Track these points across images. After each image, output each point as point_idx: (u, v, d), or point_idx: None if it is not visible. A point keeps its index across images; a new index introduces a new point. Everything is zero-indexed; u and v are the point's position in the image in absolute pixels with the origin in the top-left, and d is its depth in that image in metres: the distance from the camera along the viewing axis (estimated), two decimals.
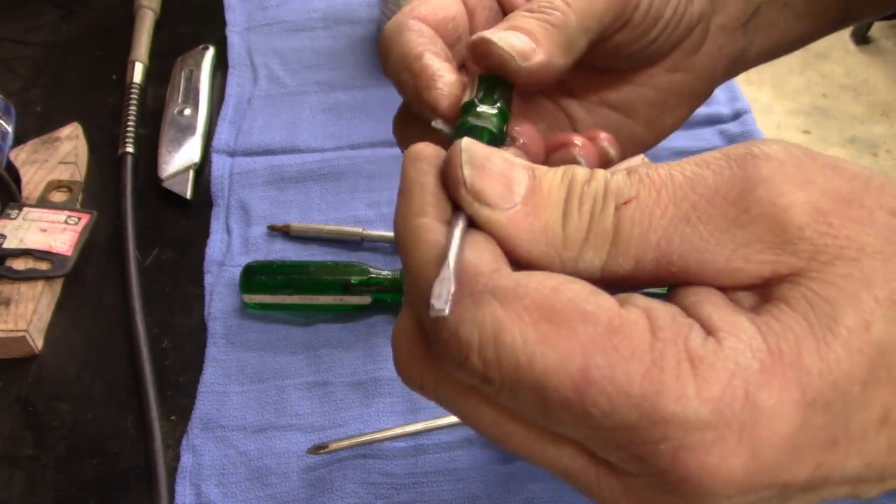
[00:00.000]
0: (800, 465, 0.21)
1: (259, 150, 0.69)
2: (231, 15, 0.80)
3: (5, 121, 0.63)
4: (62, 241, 0.59)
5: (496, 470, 0.50)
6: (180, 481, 0.50)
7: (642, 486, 0.22)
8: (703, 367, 0.21)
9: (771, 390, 0.21)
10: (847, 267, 0.22)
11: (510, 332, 0.21)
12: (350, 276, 0.57)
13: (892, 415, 0.22)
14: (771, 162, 0.23)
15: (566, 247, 0.24)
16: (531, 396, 0.22)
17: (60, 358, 0.56)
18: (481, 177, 0.24)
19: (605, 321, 0.21)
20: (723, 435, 0.20)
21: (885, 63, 2.22)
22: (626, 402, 0.21)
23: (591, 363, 0.21)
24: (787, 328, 0.21)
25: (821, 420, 0.21)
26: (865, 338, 0.21)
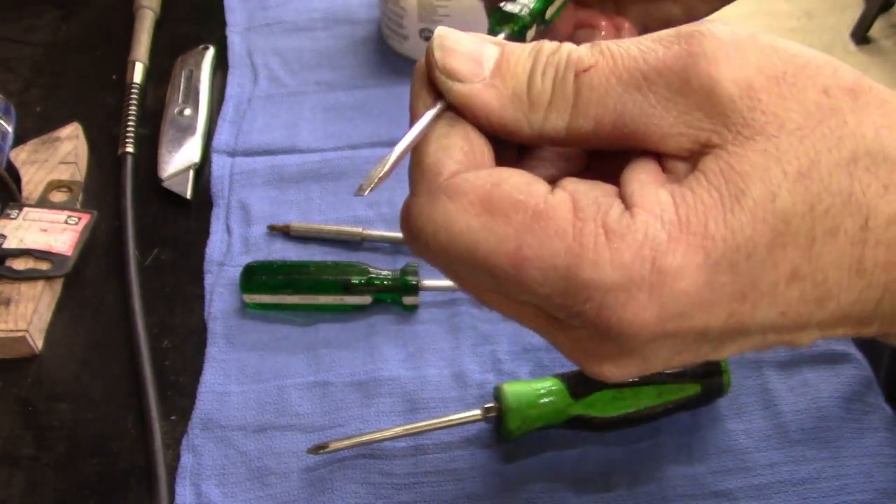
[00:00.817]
0: (711, 314, 0.25)
1: (259, 150, 0.69)
2: (231, 15, 0.80)
3: (5, 121, 0.63)
4: (62, 241, 0.59)
5: (496, 470, 0.50)
6: (180, 481, 0.50)
7: (586, 337, 0.27)
8: (616, 239, 0.24)
9: (675, 255, 0.24)
10: (765, 142, 0.25)
11: (457, 222, 0.26)
12: (350, 276, 0.57)
13: (802, 272, 0.25)
14: (714, 40, 0.25)
15: (532, 110, 0.27)
16: (482, 273, 0.26)
17: (60, 358, 0.56)
18: (451, 57, 0.28)
19: (534, 206, 0.25)
20: (634, 294, 0.25)
21: (885, 63, 2.22)
22: (553, 273, 0.25)
23: (523, 243, 0.25)
24: (699, 199, 0.25)
25: (726, 278, 0.25)
26: (770, 208, 0.24)
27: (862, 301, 0.26)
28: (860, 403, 0.53)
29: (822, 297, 0.26)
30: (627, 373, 0.28)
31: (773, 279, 0.25)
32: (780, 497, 0.49)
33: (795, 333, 0.27)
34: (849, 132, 0.25)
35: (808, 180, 0.25)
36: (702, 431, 0.52)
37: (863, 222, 0.25)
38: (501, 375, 0.55)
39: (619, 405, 0.50)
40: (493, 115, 0.28)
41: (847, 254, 0.25)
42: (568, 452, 0.51)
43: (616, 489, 0.49)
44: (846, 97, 0.25)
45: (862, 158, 0.25)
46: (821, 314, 0.26)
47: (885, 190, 0.25)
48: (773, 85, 0.25)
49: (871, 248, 0.25)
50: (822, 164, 0.25)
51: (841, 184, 0.25)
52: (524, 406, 0.49)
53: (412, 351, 0.56)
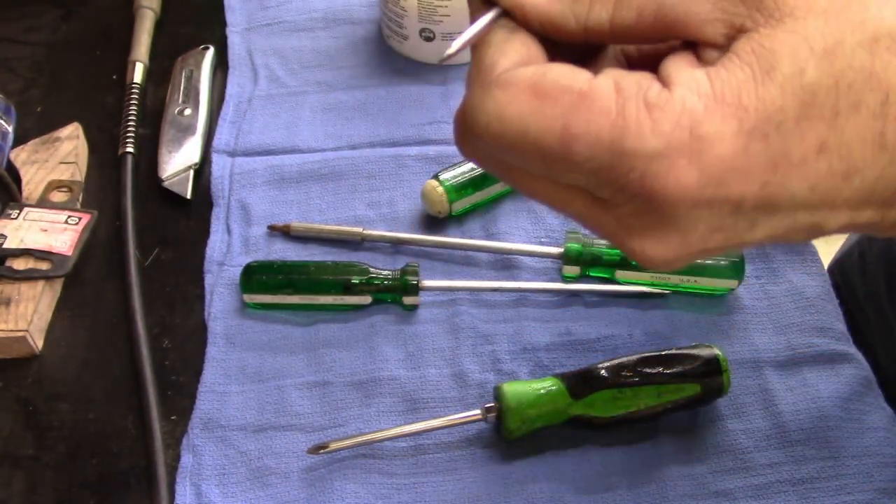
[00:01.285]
0: (746, 181, 0.27)
1: (259, 150, 0.69)
2: (231, 15, 0.80)
3: (5, 121, 0.63)
4: (62, 241, 0.59)
5: (496, 470, 0.50)
6: (180, 481, 0.50)
7: (630, 213, 0.28)
8: (656, 111, 0.26)
9: (712, 123, 0.26)
10: (794, 24, 0.27)
11: (508, 108, 0.28)
12: (350, 276, 0.57)
13: (829, 145, 0.27)
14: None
15: (576, 3, 0.29)
16: (534, 155, 0.28)
17: (60, 358, 0.56)
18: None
19: (579, 89, 0.27)
20: (675, 160, 0.26)
21: None
22: (599, 147, 0.27)
23: (571, 122, 0.27)
24: (732, 75, 0.27)
25: (759, 146, 0.26)
26: (799, 82, 0.26)
27: (885, 178, 0.28)
28: (860, 403, 0.53)
29: (847, 171, 0.27)
30: (668, 250, 0.29)
31: (802, 151, 0.27)
32: (780, 497, 0.49)
33: (824, 212, 0.28)
34: (871, 16, 0.27)
35: (833, 57, 0.26)
36: (702, 431, 0.52)
37: (883, 98, 0.27)
38: (501, 375, 0.55)
39: (619, 405, 0.50)
40: (540, 11, 0.29)
41: (869, 127, 0.27)
42: (568, 452, 0.51)
43: (616, 489, 0.49)
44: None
45: (883, 39, 0.27)
46: (847, 190, 0.28)
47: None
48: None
49: (893, 123, 0.27)
50: (845, 43, 0.27)
51: (863, 61, 0.27)
52: (524, 406, 0.49)
53: (412, 351, 0.56)
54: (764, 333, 0.57)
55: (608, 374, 0.50)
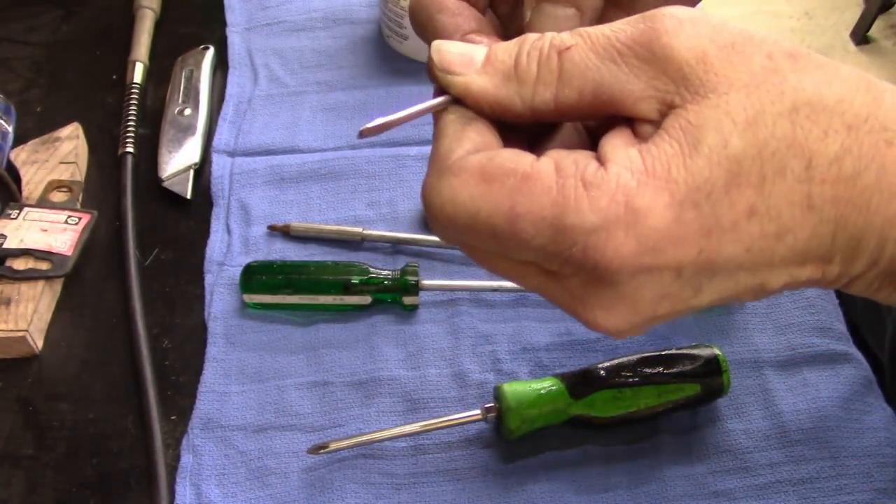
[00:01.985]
0: (683, 248, 0.29)
1: (259, 150, 0.69)
2: (231, 15, 0.80)
3: (5, 121, 0.63)
4: (62, 241, 0.59)
5: (496, 470, 0.50)
6: (180, 481, 0.50)
7: (578, 285, 0.30)
8: (592, 188, 0.28)
9: (645, 197, 0.28)
10: (717, 99, 0.29)
11: (460, 193, 0.30)
12: (350, 276, 0.57)
13: (758, 209, 0.29)
14: (672, 18, 0.30)
15: (521, 87, 0.31)
16: (485, 236, 0.30)
17: (60, 358, 0.56)
18: (446, 56, 0.32)
19: (522, 171, 0.29)
20: (612, 233, 0.28)
21: (885, 63, 2.22)
22: (543, 224, 0.29)
23: (516, 202, 0.29)
24: (662, 150, 0.29)
25: (691, 215, 0.28)
26: (724, 153, 0.28)
27: (818, 236, 0.29)
28: (860, 403, 0.53)
29: (779, 232, 0.29)
30: (619, 319, 0.31)
31: (733, 216, 0.29)
32: (780, 497, 0.49)
33: (763, 272, 0.30)
34: (790, 87, 0.29)
35: (755, 128, 0.28)
36: (702, 431, 0.52)
37: (807, 163, 0.29)
38: (501, 375, 0.55)
39: (619, 405, 0.50)
40: (488, 96, 0.32)
41: (796, 190, 0.29)
42: (568, 452, 0.51)
43: (616, 489, 0.49)
44: (787, 60, 0.29)
45: (802, 108, 0.29)
46: (782, 249, 0.29)
47: (825, 134, 0.29)
48: (723, 52, 0.29)
49: (818, 186, 0.29)
50: (766, 114, 0.28)
51: (784, 130, 0.28)
52: (524, 406, 0.49)
53: (412, 351, 0.56)
54: (764, 333, 0.57)
55: (608, 374, 0.50)
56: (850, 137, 0.29)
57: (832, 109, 0.29)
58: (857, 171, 0.29)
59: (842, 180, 0.29)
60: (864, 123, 0.29)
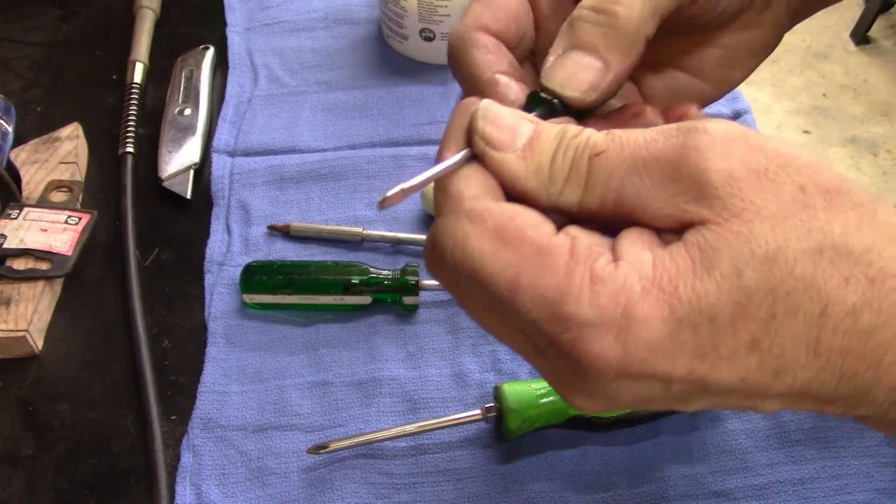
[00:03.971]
0: (672, 364, 0.28)
1: (259, 150, 0.69)
2: (231, 15, 0.80)
3: (5, 121, 0.63)
4: (62, 241, 0.59)
5: (496, 470, 0.50)
6: (180, 481, 0.50)
7: (561, 367, 0.30)
8: (598, 283, 0.28)
9: (644, 306, 0.27)
10: (741, 225, 0.28)
11: (472, 242, 0.29)
12: (350, 276, 0.57)
13: (762, 344, 0.28)
14: (707, 135, 0.29)
15: (551, 183, 0.31)
16: (483, 291, 0.30)
17: (60, 358, 0.56)
18: (493, 127, 0.31)
19: (538, 243, 0.29)
20: (603, 333, 0.28)
21: (885, 63, 2.22)
22: (541, 302, 0.28)
23: (522, 271, 0.29)
24: (674, 264, 0.28)
25: (688, 335, 0.28)
26: (736, 283, 0.27)
27: (819, 381, 0.28)
28: None
29: (779, 370, 0.28)
30: (597, 406, 0.30)
31: (733, 346, 0.28)
32: (780, 497, 0.49)
33: (756, 400, 0.29)
34: (818, 227, 0.28)
35: (774, 263, 0.27)
36: (702, 431, 0.52)
37: (822, 308, 0.28)
38: (501, 375, 0.55)
39: None
40: (518, 182, 0.31)
41: (805, 334, 0.28)
42: (568, 452, 0.51)
43: (616, 489, 0.49)
44: (821, 196, 0.28)
45: (827, 251, 0.28)
46: (779, 386, 0.29)
47: (846, 283, 0.28)
48: (754, 177, 0.28)
49: (829, 333, 0.28)
50: (788, 250, 0.27)
51: (804, 270, 0.27)
52: (524, 406, 0.49)
53: (412, 351, 0.56)
54: None
55: None
56: (872, 290, 0.28)
57: (858, 258, 0.28)
58: (874, 328, 0.28)
59: (855, 333, 0.28)
60: (891, 279, 0.28)
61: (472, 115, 0.32)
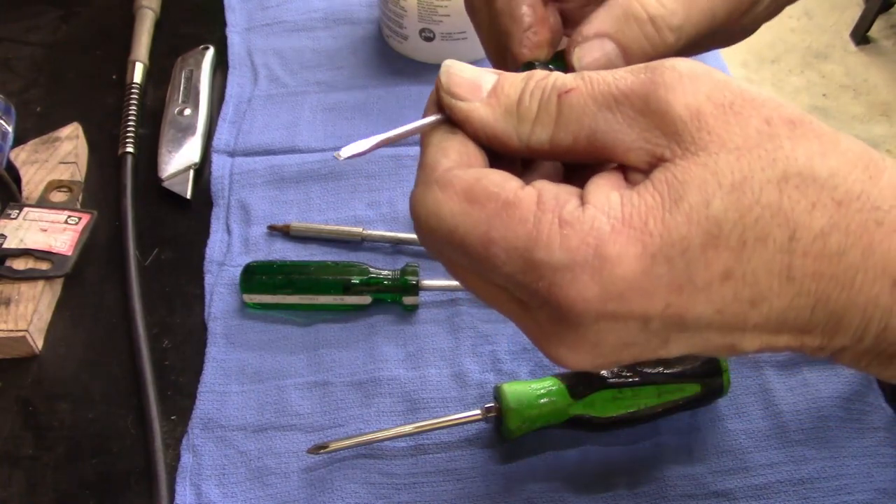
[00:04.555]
0: (650, 301, 0.29)
1: (259, 150, 0.69)
2: (231, 15, 0.80)
3: (5, 121, 0.63)
4: (62, 241, 0.59)
5: (496, 470, 0.50)
6: (180, 481, 0.50)
7: (545, 319, 0.30)
8: (566, 227, 0.29)
9: (616, 244, 0.28)
10: (707, 158, 0.28)
11: (443, 207, 0.30)
12: (350, 276, 0.57)
13: (735, 273, 0.28)
14: (674, 71, 0.30)
15: (520, 124, 0.32)
16: (461, 252, 0.31)
17: (60, 358, 0.56)
18: (455, 80, 0.33)
19: (504, 198, 0.30)
20: (578, 275, 0.28)
21: (885, 63, 2.22)
22: (514, 253, 0.29)
23: (492, 227, 0.29)
24: (643, 201, 0.29)
25: (662, 269, 0.28)
26: (704, 212, 0.28)
27: (795, 308, 0.29)
28: (860, 403, 0.53)
29: (754, 299, 0.29)
30: (581, 358, 0.31)
31: (707, 276, 0.28)
32: (780, 497, 0.49)
33: (735, 334, 0.30)
34: (783, 155, 0.29)
35: (741, 192, 0.28)
36: (702, 431, 0.52)
37: (791, 234, 0.28)
38: (501, 375, 0.55)
39: (619, 405, 0.50)
40: (487, 127, 0.32)
41: (776, 260, 0.28)
42: (568, 452, 0.51)
43: (616, 489, 0.49)
44: (785, 126, 0.29)
45: (793, 178, 0.28)
46: (756, 316, 0.29)
47: (813, 207, 0.28)
48: (720, 111, 0.29)
49: (800, 258, 0.28)
50: (754, 180, 0.28)
51: (770, 198, 0.28)
52: (524, 406, 0.49)
53: (412, 351, 0.56)
54: None
55: (608, 374, 0.50)
56: (839, 213, 0.28)
57: (823, 183, 0.28)
58: (843, 249, 0.28)
59: (825, 256, 0.28)
60: (856, 200, 0.29)
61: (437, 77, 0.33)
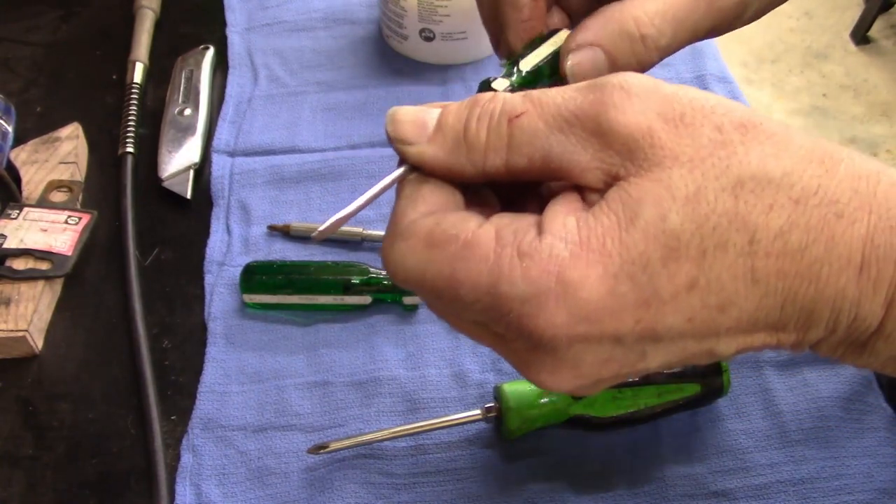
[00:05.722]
0: (619, 318, 0.29)
1: (259, 150, 0.69)
2: (231, 15, 0.80)
3: (5, 121, 0.63)
4: (62, 241, 0.59)
5: (496, 470, 0.50)
6: (180, 481, 0.50)
7: (521, 348, 0.31)
8: (526, 258, 0.29)
9: (576, 269, 0.29)
10: (660, 173, 0.29)
11: (408, 257, 0.31)
12: (350, 276, 0.57)
13: (699, 282, 0.29)
14: (621, 91, 0.30)
15: (471, 152, 0.32)
16: (433, 295, 0.31)
17: (60, 358, 0.56)
18: (399, 126, 0.33)
19: (464, 238, 0.30)
20: (544, 303, 0.29)
21: (885, 63, 2.22)
22: (480, 290, 0.30)
23: (455, 268, 0.30)
24: (599, 222, 0.29)
25: (626, 287, 0.29)
26: (661, 227, 0.28)
27: (765, 307, 0.29)
28: (860, 403, 0.53)
29: (722, 304, 0.29)
30: (563, 380, 0.31)
31: (672, 288, 0.29)
32: (780, 497, 0.49)
33: (710, 340, 0.30)
34: (736, 161, 0.29)
35: (696, 203, 0.29)
36: (702, 431, 0.52)
37: (750, 237, 0.29)
38: (501, 375, 0.55)
39: (619, 405, 0.50)
40: (440, 164, 0.32)
41: (739, 264, 0.29)
42: (568, 452, 0.51)
43: (616, 489, 0.49)
44: (736, 132, 0.29)
45: (747, 182, 0.29)
46: (726, 320, 0.30)
47: (770, 208, 0.29)
48: (671, 126, 0.29)
49: (762, 259, 0.29)
50: (708, 189, 0.29)
51: (726, 205, 0.29)
52: (524, 406, 0.49)
53: (412, 351, 0.56)
54: None
55: None
56: (797, 211, 0.29)
57: (778, 183, 0.29)
58: (805, 245, 0.29)
59: (787, 254, 0.29)
60: (813, 196, 0.29)
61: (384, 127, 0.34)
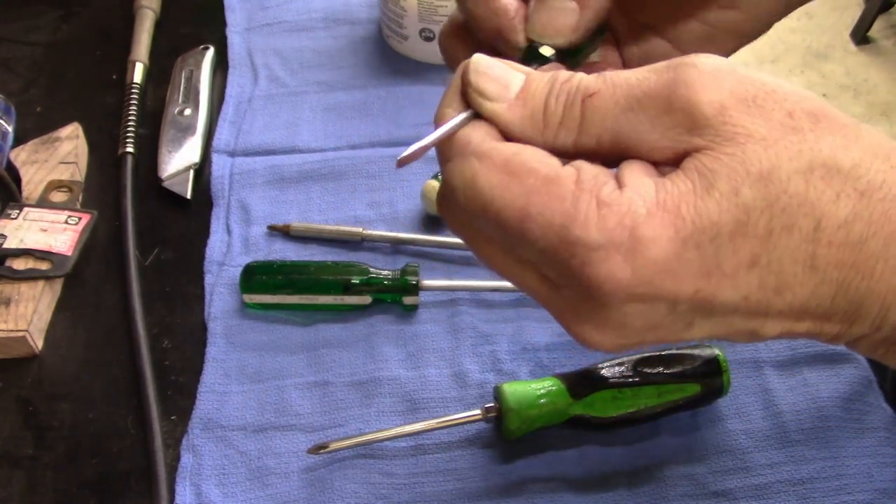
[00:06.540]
0: (679, 284, 0.29)
1: (259, 150, 0.69)
2: (231, 15, 0.80)
3: (5, 121, 0.63)
4: (62, 241, 0.59)
5: (496, 470, 0.50)
6: (180, 481, 0.50)
7: (573, 297, 0.31)
8: (604, 207, 0.29)
9: (650, 227, 0.28)
10: (734, 148, 0.29)
11: (481, 178, 0.30)
12: (350, 276, 0.57)
13: (761, 261, 0.29)
14: (695, 69, 0.30)
15: (546, 128, 0.32)
16: (494, 225, 0.31)
17: (60, 358, 0.56)
18: (484, 79, 0.32)
19: (545, 174, 0.30)
20: (612, 255, 0.29)
21: (885, 63, 2.22)
22: (550, 230, 0.29)
23: (530, 202, 0.30)
24: (675, 187, 0.29)
25: (693, 255, 0.29)
26: (734, 200, 0.28)
27: (818, 296, 0.30)
28: (860, 403, 0.53)
29: (779, 286, 0.29)
30: (607, 339, 0.31)
31: (735, 263, 0.29)
32: (780, 497, 0.49)
33: (758, 320, 0.30)
34: (807, 147, 0.29)
35: (768, 181, 0.29)
36: (702, 431, 0.52)
37: (816, 223, 0.29)
38: (501, 375, 0.55)
39: (619, 405, 0.50)
40: (514, 130, 0.32)
41: (801, 249, 0.29)
42: (568, 452, 0.51)
43: (616, 489, 0.49)
44: (808, 119, 0.30)
45: (817, 169, 0.29)
46: (779, 303, 0.30)
47: (837, 197, 0.29)
48: (743, 105, 0.30)
49: (824, 247, 0.29)
50: (781, 170, 0.29)
51: (797, 188, 0.29)
52: (524, 406, 0.49)
53: (412, 351, 0.56)
54: None
55: (608, 374, 0.50)
56: (862, 203, 0.29)
57: (847, 173, 0.29)
58: (865, 238, 0.29)
59: (848, 245, 0.29)
60: (878, 191, 0.29)
61: (464, 69, 0.33)
